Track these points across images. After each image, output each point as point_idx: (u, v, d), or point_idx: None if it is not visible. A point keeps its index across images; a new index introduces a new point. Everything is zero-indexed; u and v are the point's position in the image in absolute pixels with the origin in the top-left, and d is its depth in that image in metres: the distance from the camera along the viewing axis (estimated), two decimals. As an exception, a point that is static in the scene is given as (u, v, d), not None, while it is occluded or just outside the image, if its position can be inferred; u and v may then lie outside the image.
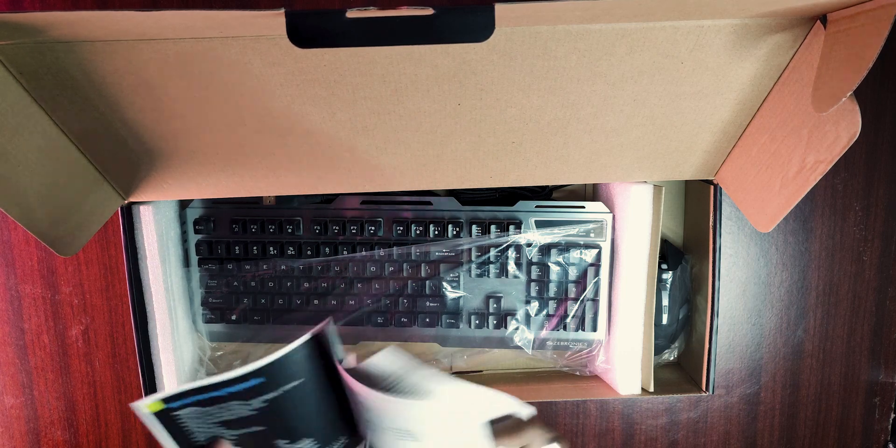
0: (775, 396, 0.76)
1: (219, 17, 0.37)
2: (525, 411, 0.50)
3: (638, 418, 0.75)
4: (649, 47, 0.46)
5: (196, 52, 0.44)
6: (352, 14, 0.35)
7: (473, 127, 0.53)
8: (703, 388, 0.64)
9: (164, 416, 0.42)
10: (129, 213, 0.60)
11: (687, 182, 0.70)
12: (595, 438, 0.75)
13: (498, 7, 0.36)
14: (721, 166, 0.60)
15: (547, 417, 0.74)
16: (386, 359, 0.50)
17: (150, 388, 0.62)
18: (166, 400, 0.41)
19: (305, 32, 0.36)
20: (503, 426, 0.49)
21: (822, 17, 0.43)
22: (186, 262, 0.66)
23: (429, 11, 0.35)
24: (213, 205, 0.65)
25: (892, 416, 0.76)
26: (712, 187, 0.61)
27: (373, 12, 0.35)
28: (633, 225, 0.62)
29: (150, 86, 0.47)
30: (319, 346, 0.46)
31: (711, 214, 0.62)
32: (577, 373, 0.69)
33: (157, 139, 0.53)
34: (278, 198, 0.66)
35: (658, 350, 0.68)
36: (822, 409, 0.76)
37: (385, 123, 0.52)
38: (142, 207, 0.60)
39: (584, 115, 0.52)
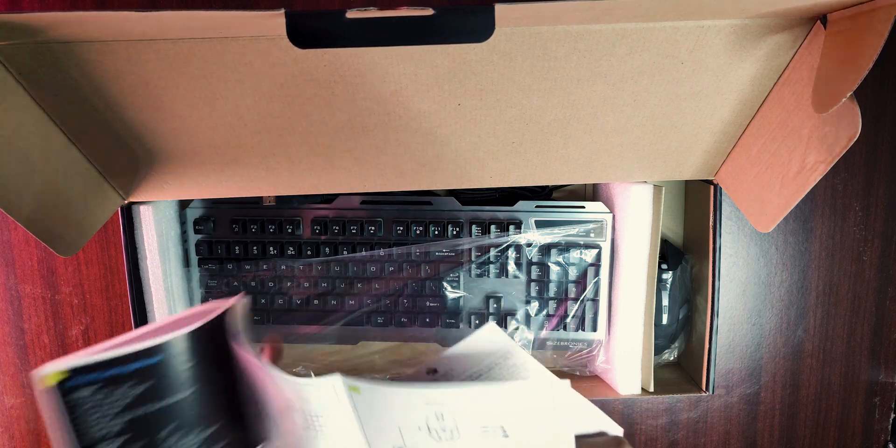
0: (775, 396, 0.76)
1: (219, 18, 0.37)
2: (616, 431, 0.50)
3: (638, 418, 0.75)
4: (649, 48, 0.46)
5: (196, 52, 0.44)
6: (352, 14, 0.35)
7: (473, 127, 0.53)
8: (703, 388, 0.64)
9: (64, 393, 0.37)
10: (129, 213, 0.60)
11: (687, 182, 0.70)
12: None
13: (498, 7, 0.36)
14: (721, 166, 0.60)
15: None
16: (487, 338, 0.50)
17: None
18: (74, 370, 0.36)
19: (305, 33, 0.36)
20: (592, 443, 0.48)
21: (823, 18, 0.43)
22: (186, 262, 0.66)
23: (429, 12, 0.35)
24: (213, 205, 0.65)
25: (892, 416, 0.76)
26: (712, 187, 0.61)
27: (373, 13, 0.35)
28: (633, 225, 0.62)
29: (150, 86, 0.47)
30: (219, 326, 0.43)
31: (711, 214, 0.62)
32: (577, 373, 0.69)
33: (156, 139, 0.53)
34: (278, 198, 0.66)
35: (658, 350, 0.68)
36: (822, 409, 0.76)
37: (385, 123, 0.52)
38: (142, 207, 0.60)
39: (585, 116, 0.52)
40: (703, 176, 0.61)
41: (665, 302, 0.66)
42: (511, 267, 0.65)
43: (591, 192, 0.71)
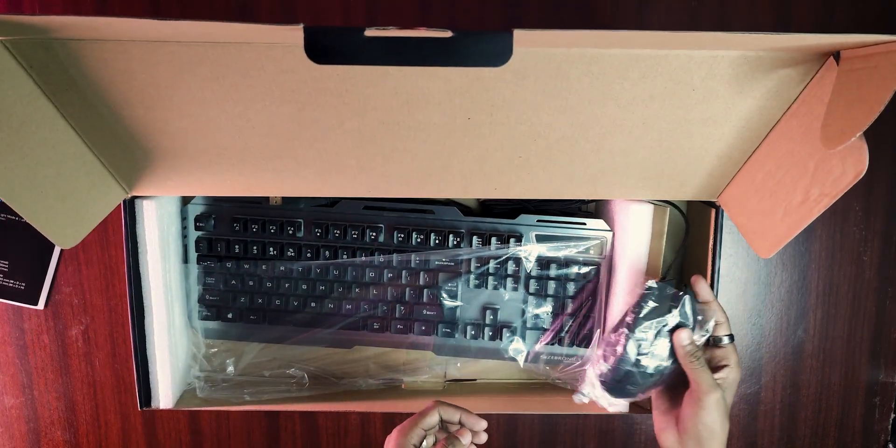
0: (775, 396, 0.76)
1: (237, 29, 0.37)
2: None
3: (638, 418, 0.75)
4: (662, 73, 0.46)
5: (209, 55, 0.44)
6: (370, 33, 0.35)
7: (481, 141, 0.53)
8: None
9: None
10: (131, 207, 0.60)
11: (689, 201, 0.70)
12: (595, 438, 0.75)
13: (516, 33, 0.36)
14: (724, 189, 0.60)
15: (548, 417, 0.75)
16: None
17: (145, 382, 0.62)
18: None
19: (323, 49, 0.36)
20: None
21: (836, 54, 0.43)
22: (186, 259, 0.66)
23: (447, 34, 0.35)
24: (215, 202, 0.65)
25: (892, 416, 0.76)
26: (713, 210, 0.62)
27: (392, 32, 0.35)
28: (631, 244, 0.62)
29: (161, 86, 0.47)
30: None
31: (711, 237, 0.62)
32: (569, 386, 0.69)
33: (164, 137, 0.53)
34: (285, 198, 0.66)
35: (626, 395, 0.61)
36: (822, 409, 0.76)
37: (393, 133, 0.52)
38: (144, 202, 0.60)
39: (593, 135, 0.52)
40: (705, 197, 0.61)
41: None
42: (509, 279, 0.65)
43: (592, 207, 0.71)
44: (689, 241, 0.70)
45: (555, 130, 0.51)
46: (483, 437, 0.56)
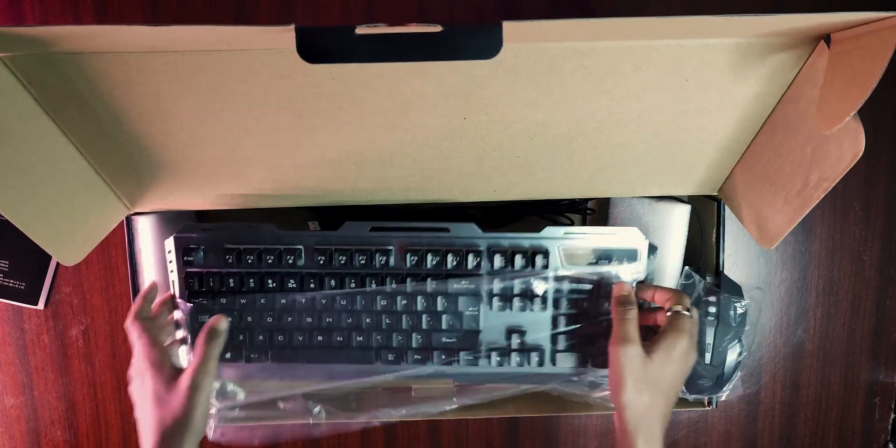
0: (775, 396, 0.75)
1: (229, 32, 0.37)
2: None
3: None
4: (655, 65, 0.46)
5: (205, 64, 0.44)
6: (361, 30, 0.35)
7: (479, 141, 0.53)
8: (706, 403, 0.64)
9: None
10: (131, 224, 0.60)
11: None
12: (597, 438, 0.75)
13: (506, 25, 0.36)
14: (725, 181, 0.60)
15: (548, 417, 0.74)
16: None
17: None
18: None
19: (315, 48, 0.36)
20: None
21: (827, 37, 0.43)
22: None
23: (437, 28, 0.36)
24: (203, 231, 0.59)
25: (892, 416, 0.76)
26: (716, 203, 0.61)
27: (382, 29, 0.35)
28: (671, 248, 0.60)
29: (159, 98, 0.47)
30: None
31: (715, 230, 0.62)
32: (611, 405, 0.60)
33: (163, 150, 0.53)
34: (287, 223, 0.62)
35: (699, 390, 0.63)
36: (822, 409, 0.75)
37: (391, 137, 0.52)
38: (140, 218, 0.60)
39: (589, 131, 0.52)
40: (706, 191, 0.61)
41: (709, 340, 0.61)
42: (536, 299, 0.59)
43: (601, 209, 0.67)
44: (702, 236, 0.68)
45: (551, 127, 0.51)
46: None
